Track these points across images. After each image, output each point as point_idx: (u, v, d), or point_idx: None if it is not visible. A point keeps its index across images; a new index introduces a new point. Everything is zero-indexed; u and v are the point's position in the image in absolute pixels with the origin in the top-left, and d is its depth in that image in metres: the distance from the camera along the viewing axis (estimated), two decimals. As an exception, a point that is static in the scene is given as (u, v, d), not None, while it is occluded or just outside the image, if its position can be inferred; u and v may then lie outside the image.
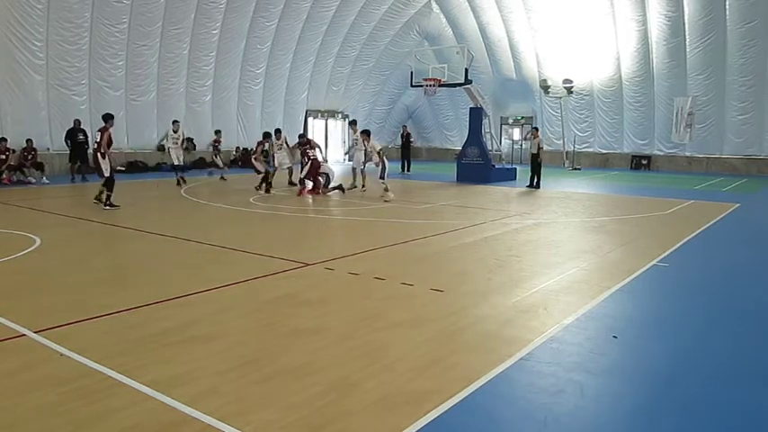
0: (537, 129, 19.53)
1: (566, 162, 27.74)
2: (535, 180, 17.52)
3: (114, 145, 20.28)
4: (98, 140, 11.75)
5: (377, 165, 14.57)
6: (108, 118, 11.93)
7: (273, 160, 16.50)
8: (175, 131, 16.67)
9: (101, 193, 11.88)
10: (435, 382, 3.79)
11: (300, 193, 14.66)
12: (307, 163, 15.08)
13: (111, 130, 11.84)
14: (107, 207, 11.54)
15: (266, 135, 16.41)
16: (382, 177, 14.17)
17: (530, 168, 17.94)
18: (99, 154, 11.63)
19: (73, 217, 10.77)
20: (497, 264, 7.35)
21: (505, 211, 12.34)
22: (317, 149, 15.67)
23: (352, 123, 17.16)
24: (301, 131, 26.52)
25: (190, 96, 22.87)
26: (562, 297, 5.86)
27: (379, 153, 14.47)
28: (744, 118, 23.87)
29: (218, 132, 19.68)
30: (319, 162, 15.16)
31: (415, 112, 33.56)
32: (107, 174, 11.63)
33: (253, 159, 15.81)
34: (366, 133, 15.62)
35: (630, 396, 3.76)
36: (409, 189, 17.01)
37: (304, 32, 25.61)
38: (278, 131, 16.69)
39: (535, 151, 17.92)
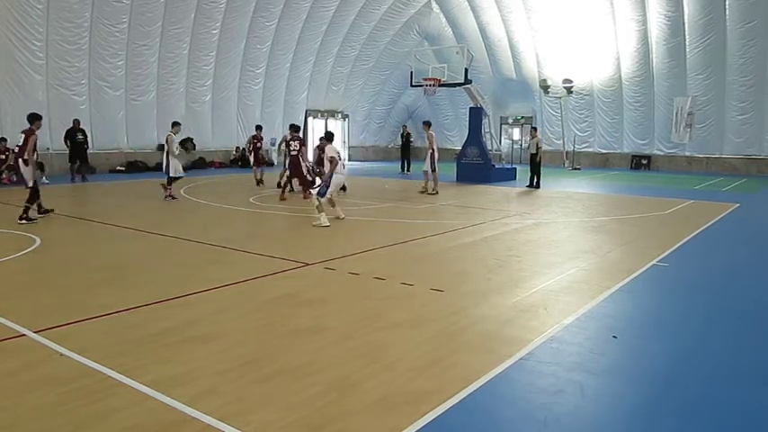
0: (535, 128, 19.52)
1: (565, 162, 27.73)
2: (535, 180, 17.53)
3: (114, 144, 20.78)
4: (20, 144, 10.11)
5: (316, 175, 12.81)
6: (34, 118, 10.32)
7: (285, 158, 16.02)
8: (176, 134, 13.89)
9: (40, 209, 10.42)
10: (435, 382, 3.78)
11: (306, 196, 13.95)
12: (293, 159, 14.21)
13: (37, 132, 10.33)
14: (23, 221, 9.76)
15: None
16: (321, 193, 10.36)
17: (529, 168, 17.94)
18: (22, 160, 9.99)
19: (72, 217, 10.77)
20: (497, 264, 7.35)
21: (505, 211, 12.34)
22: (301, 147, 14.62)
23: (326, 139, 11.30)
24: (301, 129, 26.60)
25: (190, 96, 22.87)
26: (562, 297, 5.86)
27: (331, 160, 10.34)
28: (744, 118, 23.87)
29: (259, 128, 17.18)
30: (298, 160, 13.51)
31: (415, 112, 33.54)
32: (30, 183, 10.08)
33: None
34: (327, 139, 11.12)
35: (630, 396, 3.76)
36: (409, 189, 17.01)
37: (304, 32, 25.61)
38: (297, 128, 15.19)
39: (534, 151, 17.91)
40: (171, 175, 13.40)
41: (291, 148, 13.57)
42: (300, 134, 13.92)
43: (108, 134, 20.48)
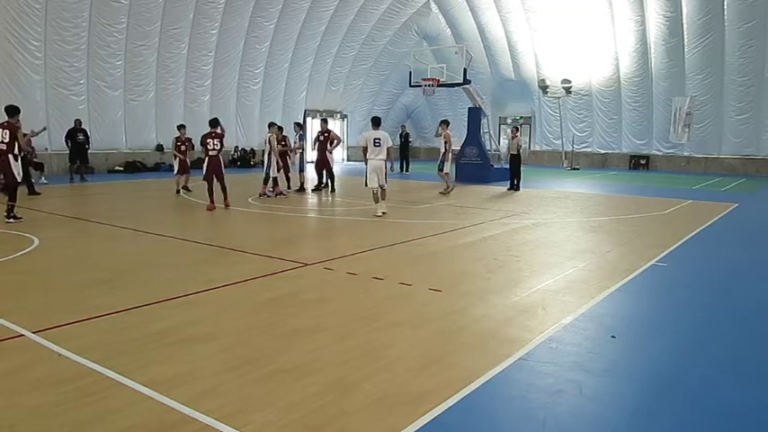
0: (517, 129, 18.42)
1: (564, 162, 27.76)
2: (515, 181, 16.92)
3: (113, 144, 20.76)
4: (5, 140, 9.71)
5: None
6: (15, 111, 10.22)
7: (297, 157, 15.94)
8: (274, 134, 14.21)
9: (12, 207, 9.94)
10: (434, 382, 3.79)
11: (210, 208, 11.97)
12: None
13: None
14: (12, 220, 9.73)
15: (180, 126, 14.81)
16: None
17: (511, 170, 17.14)
18: (11, 155, 9.77)
19: (71, 217, 10.76)
20: (496, 264, 7.35)
21: (504, 211, 12.34)
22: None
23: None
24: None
25: (188, 96, 22.84)
26: (561, 297, 5.87)
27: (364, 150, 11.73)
28: (742, 118, 23.91)
29: (181, 127, 14.99)
30: (219, 160, 12.31)
31: (414, 112, 33.56)
32: (20, 179, 10.08)
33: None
34: (374, 123, 12.65)
35: (629, 396, 3.77)
36: (408, 189, 17.00)
37: (303, 32, 25.60)
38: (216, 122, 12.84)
39: (515, 152, 17.12)
40: (273, 174, 14.07)
41: (210, 148, 12.02)
42: (220, 130, 12.35)
43: (107, 134, 20.46)
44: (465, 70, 20.27)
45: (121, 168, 20.66)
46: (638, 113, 26.43)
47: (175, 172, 14.79)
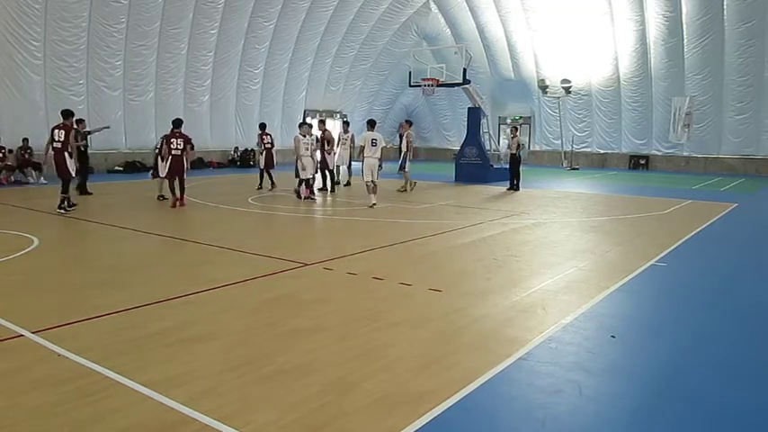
0: (516, 128, 18.25)
1: (564, 162, 27.76)
2: (515, 181, 16.85)
3: (112, 145, 20.72)
4: (61, 140, 10.98)
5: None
6: (69, 114, 11.38)
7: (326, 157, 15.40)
8: (304, 135, 13.66)
9: (64, 199, 11.24)
10: (434, 382, 3.79)
11: (181, 203, 12.29)
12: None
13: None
14: (69, 208, 11.19)
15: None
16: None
17: (511, 170, 17.08)
18: (67, 153, 11.08)
19: (71, 217, 10.75)
20: (496, 264, 7.35)
21: (504, 211, 12.34)
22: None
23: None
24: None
25: (188, 96, 22.84)
26: (560, 297, 5.87)
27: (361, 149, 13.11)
28: (741, 118, 23.93)
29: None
30: (182, 158, 12.38)
31: (414, 112, 33.54)
32: (74, 173, 11.42)
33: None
34: (369, 124, 13.53)
35: (629, 396, 3.77)
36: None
37: (302, 32, 25.61)
38: (179, 122, 12.75)
39: (514, 151, 17.05)
40: (301, 177, 13.55)
41: (173, 147, 12.17)
42: (183, 129, 12.41)
43: (106, 134, 20.41)
44: (464, 70, 20.24)
45: (121, 168, 20.65)
46: (637, 113, 26.45)
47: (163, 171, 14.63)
